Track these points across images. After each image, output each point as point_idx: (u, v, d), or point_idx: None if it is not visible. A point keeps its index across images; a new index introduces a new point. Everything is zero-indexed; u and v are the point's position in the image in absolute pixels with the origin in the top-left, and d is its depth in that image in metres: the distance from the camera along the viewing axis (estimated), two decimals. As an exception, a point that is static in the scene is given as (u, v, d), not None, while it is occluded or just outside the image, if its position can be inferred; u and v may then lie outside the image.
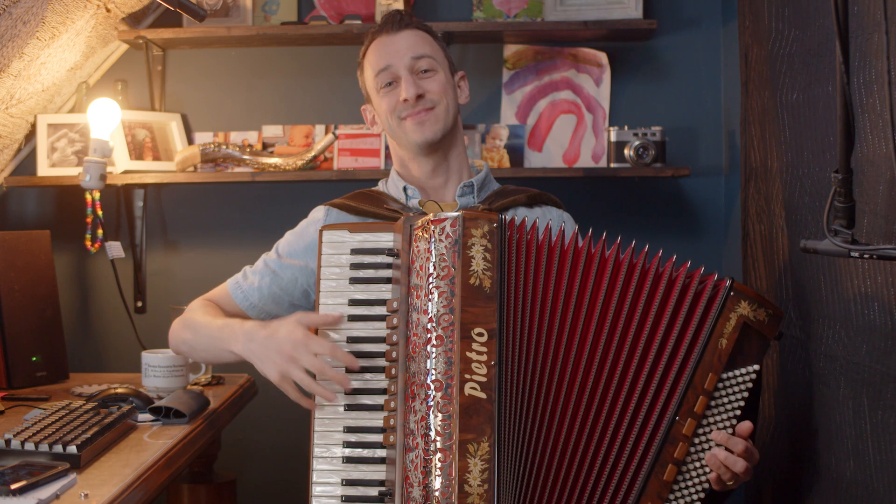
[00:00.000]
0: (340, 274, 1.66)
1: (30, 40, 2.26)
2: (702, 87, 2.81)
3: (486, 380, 1.52)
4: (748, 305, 1.58)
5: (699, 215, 2.81)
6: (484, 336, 1.53)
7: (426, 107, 1.83)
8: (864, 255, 1.39)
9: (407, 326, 1.58)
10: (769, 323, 1.59)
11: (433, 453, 1.52)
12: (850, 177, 1.44)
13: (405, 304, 1.59)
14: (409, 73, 1.83)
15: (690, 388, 1.56)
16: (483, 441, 1.51)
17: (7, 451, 1.61)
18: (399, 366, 1.58)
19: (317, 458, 1.60)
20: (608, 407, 1.57)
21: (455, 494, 1.49)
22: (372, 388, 1.61)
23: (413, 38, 1.85)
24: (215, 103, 2.85)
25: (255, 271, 1.90)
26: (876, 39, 1.64)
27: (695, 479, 1.57)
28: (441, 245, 1.57)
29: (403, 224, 1.62)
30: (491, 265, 1.56)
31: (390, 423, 1.58)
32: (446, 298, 1.55)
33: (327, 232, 1.68)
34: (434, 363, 1.54)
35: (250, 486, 2.84)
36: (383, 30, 1.87)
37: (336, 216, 1.87)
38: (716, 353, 1.56)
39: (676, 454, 1.55)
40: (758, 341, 1.59)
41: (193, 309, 1.88)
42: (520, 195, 1.91)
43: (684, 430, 1.55)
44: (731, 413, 1.58)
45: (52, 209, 2.85)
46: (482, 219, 1.57)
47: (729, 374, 1.58)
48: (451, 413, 1.52)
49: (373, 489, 1.58)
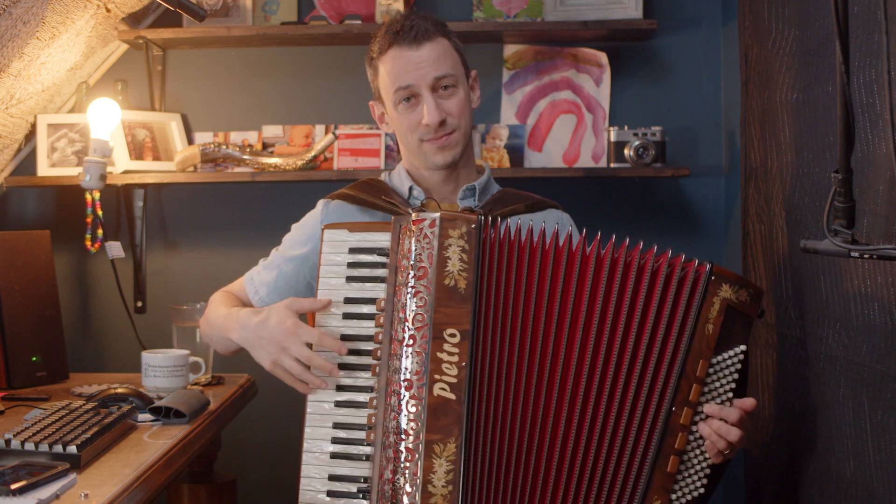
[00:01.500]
0: (338, 272, 1.67)
1: (30, 40, 2.26)
2: (702, 87, 2.81)
3: (457, 381, 1.54)
4: (730, 288, 1.58)
5: (699, 215, 2.81)
6: (456, 337, 1.55)
7: (446, 132, 1.81)
8: (864, 255, 1.39)
9: (391, 325, 1.60)
10: (751, 302, 1.60)
11: (401, 452, 1.55)
12: (850, 177, 1.44)
13: (391, 303, 1.61)
14: (431, 93, 1.79)
15: (683, 377, 1.56)
16: (450, 442, 1.53)
17: (7, 451, 1.61)
18: (382, 364, 1.60)
19: (306, 453, 1.63)
20: (596, 406, 1.57)
21: (419, 494, 1.52)
22: (360, 386, 1.63)
23: (436, 53, 1.79)
24: (215, 103, 2.85)
25: (266, 265, 1.95)
26: (876, 39, 1.64)
27: (696, 466, 1.58)
28: (419, 245, 1.59)
29: (394, 223, 1.64)
30: (467, 266, 1.57)
31: (372, 420, 1.60)
32: (422, 298, 1.57)
33: (329, 231, 1.70)
34: (408, 363, 1.56)
35: (250, 486, 2.84)
36: (405, 39, 1.79)
37: (334, 207, 1.89)
38: (703, 339, 1.57)
39: (677, 445, 1.55)
40: (742, 322, 1.60)
41: (213, 301, 1.94)
42: (519, 204, 1.91)
43: (682, 420, 1.56)
44: (724, 396, 1.59)
45: (52, 209, 2.85)
46: (460, 219, 1.59)
47: (718, 358, 1.58)
48: (419, 413, 1.54)
49: (354, 485, 1.60)
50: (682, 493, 1.57)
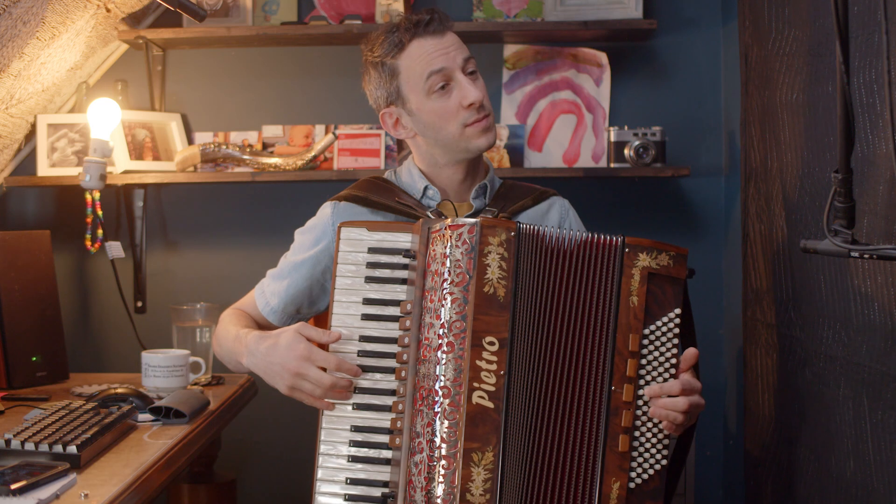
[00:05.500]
0: (356, 272, 1.65)
1: (30, 40, 2.26)
2: (702, 87, 2.81)
3: (495, 389, 1.53)
4: (647, 255, 1.58)
5: (699, 215, 2.81)
6: (495, 345, 1.53)
7: (486, 113, 1.80)
8: (864, 255, 1.39)
9: (419, 329, 1.58)
10: (675, 265, 1.59)
11: (437, 460, 1.52)
12: (850, 177, 1.44)
13: (419, 307, 1.58)
14: (464, 75, 1.78)
15: (616, 355, 1.56)
16: (488, 450, 1.52)
17: (7, 451, 1.61)
18: (409, 368, 1.58)
19: (322, 455, 1.61)
20: (580, 403, 1.58)
21: (457, 502, 1.50)
22: (381, 389, 1.61)
23: (458, 40, 1.80)
24: (215, 103, 2.85)
25: (275, 274, 1.90)
26: (876, 39, 1.64)
27: (652, 440, 1.58)
28: (457, 251, 1.56)
29: (422, 226, 1.61)
30: (506, 274, 1.55)
31: (397, 425, 1.58)
32: (459, 305, 1.55)
33: (345, 229, 1.67)
34: (443, 369, 1.54)
35: (250, 486, 2.84)
36: (428, 30, 1.78)
37: (344, 209, 1.85)
38: (630, 312, 1.57)
39: (623, 423, 1.56)
40: (670, 286, 1.59)
41: (223, 320, 1.89)
42: (527, 198, 1.90)
43: (624, 397, 1.56)
44: (667, 364, 1.58)
45: (52, 209, 2.85)
46: (500, 227, 1.56)
47: (651, 327, 1.58)
48: (458, 421, 1.52)
49: (376, 490, 1.58)
50: (643, 468, 1.57)
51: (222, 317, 1.90)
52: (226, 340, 1.83)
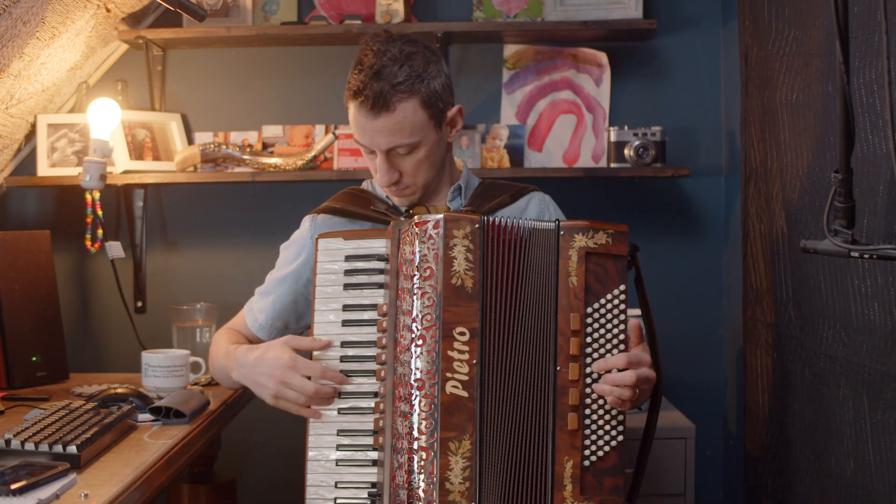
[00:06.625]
0: (335, 280, 1.68)
1: (30, 40, 2.26)
2: (702, 87, 2.81)
3: (468, 378, 1.55)
4: (583, 236, 1.59)
5: (699, 215, 2.81)
6: (466, 335, 1.56)
7: (400, 188, 1.82)
8: (864, 255, 1.39)
9: (395, 329, 1.60)
10: (614, 242, 1.60)
11: (416, 451, 1.54)
12: (850, 177, 1.44)
13: (394, 307, 1.61)
14: (385, 158, 1.77)
15: (559, 335, 1.58)
16: (465, 439, 1.54)
17: (7, 451, 1.61)
18: (388, 368, 1.60)
19: (311, 461, 1.63)
20: (533, 386, 1.59)
21: (436, 492, 1.52)
22: (363, 392, 1.63)
23: (391, 125, 1.73)
24: (215, 103, 2.85)
25: (262, 291, 1.96)
26: (876, 39, 1.64)
27: (605, 416, 1.58)
28: (424, 247, 1.59)
29: (392, 229, 1.64)
30: (473, 265, 1.58)
31: (379, 424, 1.60)
32: (429, 299, 1.58)
33: (323, 240, 1.70)
34: (417, 363, 1.57)
35: (250, 486, 2.84)
36: (363, 106, 1.73)
37: (321, 221, 1.90)
38: (570, 292, 1.58)
39: (571, 401, 1.56)
40: (612, 263, 1.60)
41: (216, 339, 1.95)
42: (504, 195, 1.92)
43: (570, 376, 1.57)
44: (615, 340, 1.59)
45: (52, 209, 2.85)
46: (464, 220, 1.60)
47: (594, 305, 1.59)
48: (433, 412, 1.54)
49: (363, 491, 1.61)
50: (597, 445, 1.57)
51: (215, 337, 1.97)
52: (217, 358, 1.90)
